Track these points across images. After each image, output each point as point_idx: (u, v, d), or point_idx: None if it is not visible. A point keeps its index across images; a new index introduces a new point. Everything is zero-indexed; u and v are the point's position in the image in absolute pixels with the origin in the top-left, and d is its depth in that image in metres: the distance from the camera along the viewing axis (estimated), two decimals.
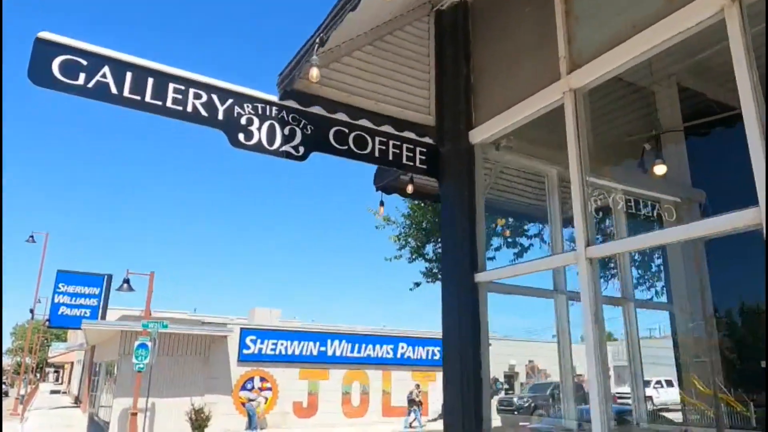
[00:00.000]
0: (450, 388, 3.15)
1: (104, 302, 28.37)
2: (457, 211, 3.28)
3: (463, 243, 3.21)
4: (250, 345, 21.44)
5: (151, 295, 18.15)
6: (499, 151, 3.52)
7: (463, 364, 3.06)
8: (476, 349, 3.07)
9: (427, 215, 8.18)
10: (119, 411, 18.53)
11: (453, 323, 3.18)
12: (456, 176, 3.35)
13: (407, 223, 9.05)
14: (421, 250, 9.08)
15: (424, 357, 25.35)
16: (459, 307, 3.18)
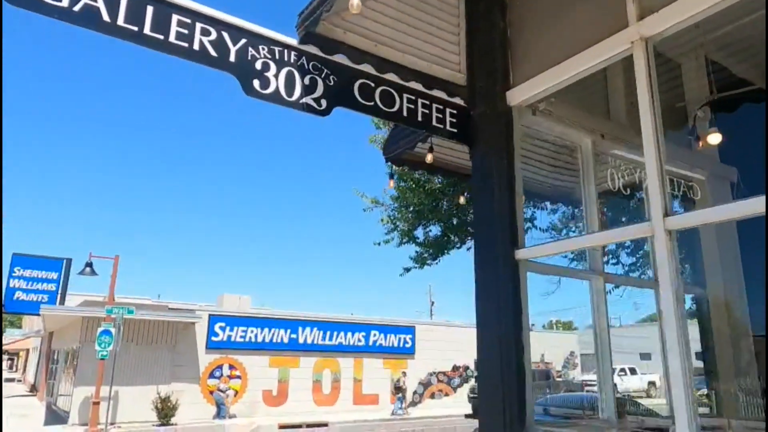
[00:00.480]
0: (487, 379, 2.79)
1: (63, 287, 27.22)
2: (494, 181, 2.92)
3: (501, 216, 2.85)
4: (218, 332, 20.81)
5: (116, 280, 17.36)
6: (535, 116, 3.17)
7: (503, 350, 2.72)
8: (518, 334, 2.72)
9: (420, 196, 7.82)
10: (80, 400, 17.74)
11: (491, 306, 2.83)
12: (491, 142, 2.99)
13: (396, 206, 8.66)
14: (411, 233, 8.72)
15: (396, 345, 25.16)
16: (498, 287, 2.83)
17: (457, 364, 27.14)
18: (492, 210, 2.90)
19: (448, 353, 26.88)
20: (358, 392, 23.77)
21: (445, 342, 26.88)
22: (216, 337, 20.70)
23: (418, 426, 19.60)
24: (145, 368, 19.09)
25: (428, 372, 26.01)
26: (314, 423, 19.47)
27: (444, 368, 26.61)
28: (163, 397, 16.80)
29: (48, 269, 27.11)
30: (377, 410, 23.68)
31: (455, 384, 26.78)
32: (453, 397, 26.43)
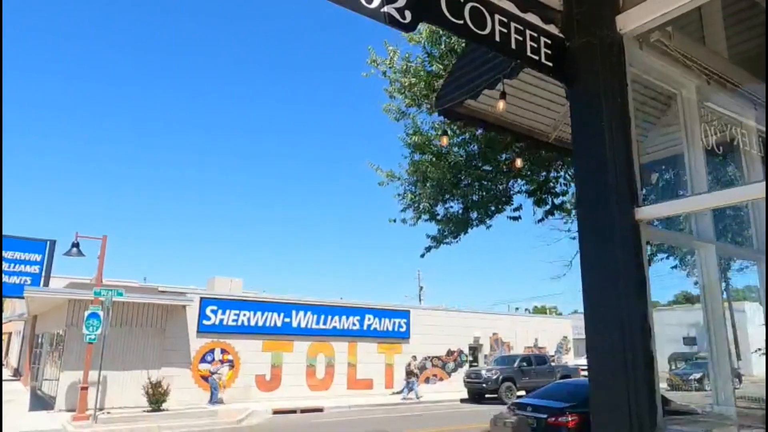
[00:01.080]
0: (603, 371, 2.26)
1: (47, 270, 26.39)
2: (604, 125, 2.40)
3: (616, 167, 2.33)
4: (210, 315, 20.23)
5: (104, 261, 16.64)
6: (641, 51, 2.65)
7: (625, 335, 2.20)
8: (644, 314, 2.21)
9: (441, 170, 7.25)
10: (67, 385, 17.11)
11: (607, 280, 2.30)
12: (598, 77, 2.46)
13: (412, 180, 8.08)
14: (432, 210, 8.17)
15: (391, 329, 24.80)
16: (614, 256, 2.31)
17: (451, 349, 26.88)
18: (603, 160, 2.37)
19: (443, 338, 26.61)
20: (352, 377, 23.40)
21: (439, 326, 26.59)
22: (207, 321, 20.13)
23: (416, 411, 19.27)
24: (134, 353, 18.50)
25: (423, 356, 25.70)
26: (309, 408, 19.06)
27: (438, 353, 26.34)
28: (154, 382, 16.22)
29: (31, 251, 26.25)
30: (371, 395, 23.36)
31: (450, 368, 26.54)
32: (448, 381, 26.20)
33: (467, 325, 27.78)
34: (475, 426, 15.04)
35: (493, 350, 28.54)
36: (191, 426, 14.91)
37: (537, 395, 11.13)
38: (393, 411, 19.40)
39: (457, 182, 7.44)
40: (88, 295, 16.54)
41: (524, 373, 22.70)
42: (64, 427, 13.83)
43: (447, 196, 7.77)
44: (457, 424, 15.88)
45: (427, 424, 15.80)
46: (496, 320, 29.68)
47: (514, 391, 22.01)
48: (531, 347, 29.94)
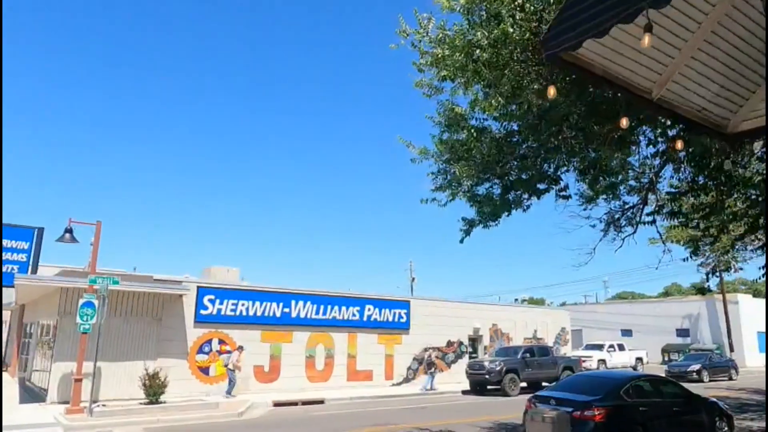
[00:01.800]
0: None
1: (35, 258, 25.64)
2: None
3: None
4: (208, 305, 19.64)
5: (98, 248, 15.95)
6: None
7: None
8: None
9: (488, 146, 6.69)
10: (59, 376, 16.47)
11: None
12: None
13: (448, 157, 7.50)
14: (472, 190, 7.62)
15: (391, 319, 24.35)
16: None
17: (451, 340, 26.52)
18: None
19: (443, 329, 26.25)
20: (352, 368, 22.95)
21: (439, 317, 26.22)
22: (205, 311, 19.54)
23: (420, 403, 18.85)
24: (130, 343, 17.89)
25: (423, 347, 25.31)
26: (310, 400, 18.59)
27: (438, 344, 25.96)
28: (151, 373, 15.62)
29: (18, 238, 25.51)
30: (372, 386, 22.95)
31: (449, 360, 26.19)
32: (448, 372, 25.85)
33: (467, 316, 27.43)
34: (487, 418, 14.66)
35: (493, 341, 28.22)
36: (191, 419, 14.36)
37: (558, 388, 10.72)
38: (395, 403, 18.98)
39: (500, 160, 6.91)
40: (81, 283, 15.87)
41: (527, 364, 22.38)
42: (57, 421, 13.22)
43: (488, 175, 7.23)
44: (466, 416, 15.47)
45: (436, 416, 15.37)
46: (495, 311, 29.36)
47: (518, 383, 21.70)
48: (530, 338, 29.68)
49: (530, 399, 10.48)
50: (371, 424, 13.89)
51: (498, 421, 14.45)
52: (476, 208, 7.94)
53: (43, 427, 12.75)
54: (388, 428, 13.17)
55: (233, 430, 13.05)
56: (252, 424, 14.09)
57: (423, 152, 7.91)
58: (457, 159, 7.34)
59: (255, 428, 13.36)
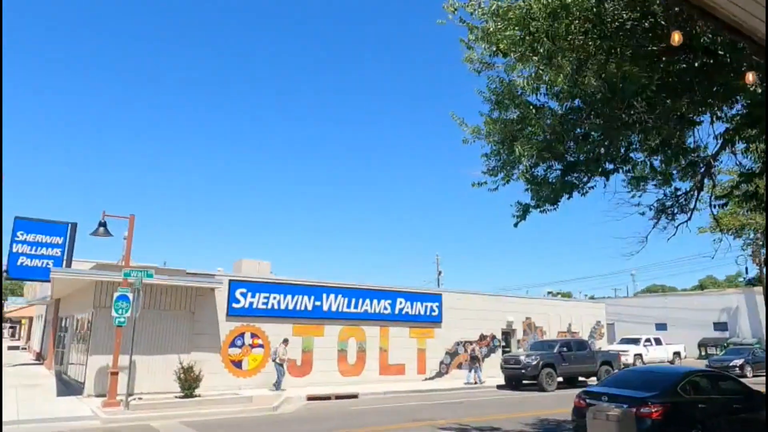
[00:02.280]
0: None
1: (69, 252, 25.90)
2: None
3: None
4: (239, 298, 19.52)
5: (131, 241, 15.90)
6: None
7: None
8: None
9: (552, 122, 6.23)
10: (95, 369, 16.50)
11: None
12: None
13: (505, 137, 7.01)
14: (529, 171, 7.17)
15: (423, 313, 23.97)
16: None
17: (484, 334, 26.04)
18: None
19: (475, 322, 25.78)
20: (384, 362, 22.65)
21: (472, 311, 25.75)
22: (237, 304, 19.43)
23: (456, 398, 18.45)
24: (163, 337, 17.86)
25: (455, 341, 24.89)
26: (343, 394, 18.35)
27: (471, 338, 25.50)
28: (185, 367, 15.53)
29: (52, 234, 25.80)
30: (404, 381, 22.62)
31: (483, 354, 25.66)
32: None
33: (500, 309, 26.90)
34: (529, 414, 14.21)
35: (526, 335, 27.65)
36: (226, 413, 14.23)
37: (609, 384, 10.24)
38: (430, 398, 18.63)
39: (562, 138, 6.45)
40: (116, 276, 15.87)
41: (564, 358, 21.80)
42: (95, 414, 13.20)
43: (549, 154, 6.77)
44: (506, 411, 15.05)
45: (475, 411, 14.99)
46: (528, 304, 28.76)
47: (555, 378, 21.15)
48: (564, 332, 29.01)
49: (580, 395, 10.02)
50: (410, 419, 13.56)
51: (540, 416, 14.01)
52: (534, 191, 7.47)
53: (82, 420, 12.73)
54: (429, 423, 12.81)
55: (276, 425, 12.83)
56: (291, 418, 13.88)
57: (476, 131, 7.45)
58: (511, 139, 6.89)
59: (295, 423, 13.13)
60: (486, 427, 12.32)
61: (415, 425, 12.68)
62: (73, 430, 11.72)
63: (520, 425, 12.63)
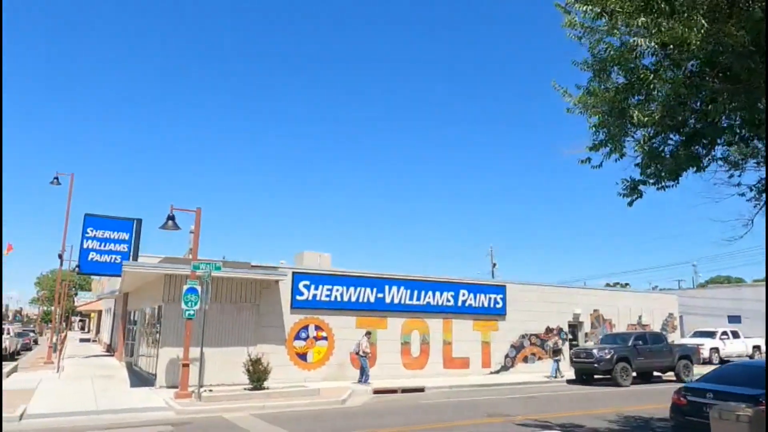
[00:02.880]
0: None
1: (135, 248, 26.61)
2: None
3: None
4: (303, 291, 19.44)
5: (199, 235, 15.99)
6: None
7: None
8: None
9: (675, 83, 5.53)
10: (166, 361, 16.75)
11: None
12: None
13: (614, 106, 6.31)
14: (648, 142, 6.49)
15: (486, 305, 23.31)
16: None
17: (550, 326, 25.13)
18: None
19: (541, 314, 24.92)
20: (448, 355, 22.16)
21: (537, 303, 24.89)
22: (300, 296, 19.36)
23: (526, 392, 17.78)
24: (230, 329, 17.97)
25: (520, 334, 24.12)
26: (410, 388, 17.99)
27: (536, 330, 24.66)
28: (253, 359, 15.52)
29: (119, 230, 26.56)
30: (468, 374, 22.09)
31: (549, 347, 24.80)
32: (547, 360, 24.50)
33: (566, 301, 25.90)
34: (610, 410, 13.43)
35: (594, 328, 26.55)
36: (295, 405, 14.10)
37: (711, 380, 9.43)
38: (499, 392, 18.02)
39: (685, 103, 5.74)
40: (185, 269, 16.01)
41: (639, 352, 20.70)
42: (168, 405, 13.31)
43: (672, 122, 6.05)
44: (583, 407, 14.30)
45: (550, 407, 14.32)
46: (595, 296, 27.59)
47: (630, 372, 20.11)
48: (634, 325, 27.71)
49: (679, 392, 9.28)
50: (484, 414, 13.05)
51: (622, 413, 13.21)
52: (652, 164, 6.76)
53: (156, 411, 12.86)
54: (505, 419, 12.27)
55: (348, 418, 12.58)
56: (362, 412, 13.60)
57: (582, 100, 6.77)
58: (620, 109, 6.21)
59: (368, 416, 12.84)
60: (567, 423, 11.67)
61: (491, 421, 12.16)
62: (150, 420, 11.81)
63: (602, 422, 11.91)
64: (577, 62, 6.82)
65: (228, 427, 11.21)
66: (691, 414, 8.84)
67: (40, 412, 11.88)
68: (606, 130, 6.79)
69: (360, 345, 18.79)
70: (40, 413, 11.77)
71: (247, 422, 11.68)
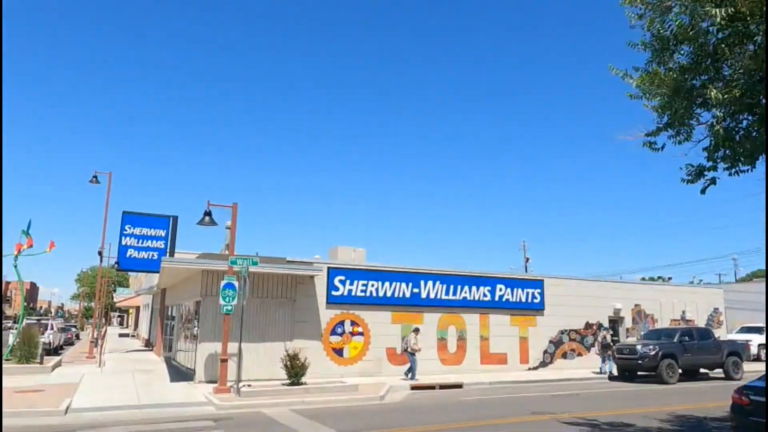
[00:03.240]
0: None
1: (171, 245, 26.94)
2: None
3: None
4: (338, 286, 19.33)
5: (235, 230, 15.99)
6: None
7: None
8: None
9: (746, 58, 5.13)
10: (204, 356, 16.85)
11: None
12: None
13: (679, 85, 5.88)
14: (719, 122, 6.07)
15: (524, 300, 22.84)
16: None
17: (590, 322, 24.50)
18: None
19: (580, 309, 24.31)
20: (485, 351, 21.79)
21: (575, 297, 24.29)
22: (336, 292, 19.25)
23: (568, 389, 17.31)
24: (266, 324, 17.99)
25: (559, 330, 23.57)
26: (448, 384, 17.71)
27: (575, 326, 24.08)
28: (291, 354, 15.46)
29: (156, 227, 26.92)
30: (506, 371, 21.68)
31: (588, 343, 24.23)
32: (587, 356, 23.94)
33: (606, 296, 25.22)
34: (659, 409, 12.92)
35: (635, 323, 25.80)
36: (334, 401, 13.97)
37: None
38: (540, 389, 17.60)
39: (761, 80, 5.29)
40: (222, 265, 16.03)
41: (686, 348, 19.98)
42: (209, 400, 13.34)
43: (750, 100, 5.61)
44: (630, 405, 13.81)
45: (596, 405, 13.87)
46: (636, 290, 26.79)
47: (676, 370, 19.42)
48: (677, 320, 26.83)
49: (740, 391, 8.77)
50: (528, 412, 12.69)
51: (673, 412, 12.69)
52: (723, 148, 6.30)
53: (197, 406, 12.89)
54: (551, 417, 11.90)
55: (389, 415, 12.39)
56: (402, 408, 13.39)
57: (646, 79, 6.31)
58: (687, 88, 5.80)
59: (409, 413, 12.62)
60: (616, 422, 11.24)
61: (537, 419, 11.80)
62: (191, 415, 11.82)
63: (653, 421, 11.44)
64: (634, 43, 6.42)
65: (268, 422, 11.12)
66: (754, 414, 8.34)
67: (85, 406, 12.02)
68: (670, 113, 6.36)
69: (408, 341, 18.59)
70: (85, 407, 11.90)
71: (287, 418, 11.59)
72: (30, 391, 13.74)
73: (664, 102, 6.34)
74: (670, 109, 6.32)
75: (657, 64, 6.33)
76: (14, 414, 10.82)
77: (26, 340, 19.29)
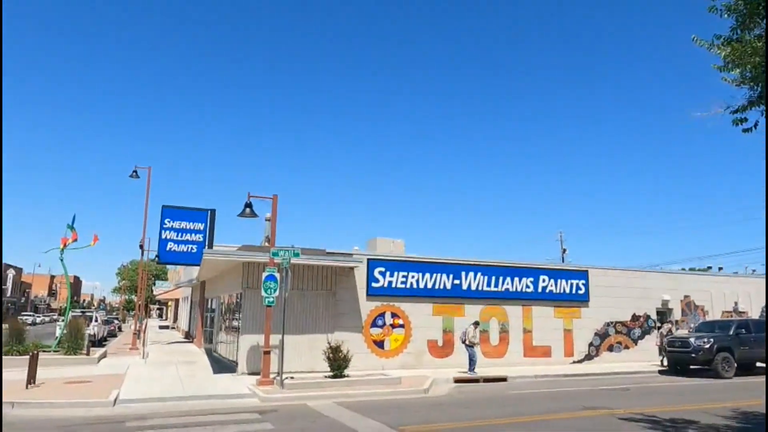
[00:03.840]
0: None
1: (209, 238, 27.12)
2: None
3: None
4: (378, 277, 19.08)
5: (276, 221, 15.86)
6: None
7: None
8: None
9: None
10: (246, 348, 16.84)
11: None
12: None
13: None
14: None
15: (568, 291, 22.19)
16: None
17: (636, 314, 23.69)
18: None
19: (626, 301, 23.52)
20: (528, 343, 21.28)
21: (621, 288, 23.50)
22: (376, 284, 19.01)
23: (617, 383, 16.70)
24: (307, 317, 17.88)
25: (604, 322, 22.85)
26: (492, 377, 17.30)
27: (622, 318, 23.30)
28: (333, 346, 15.29)
29: (195, 220, 27.12)
30: (550, 364, 21.12)
31: (636, 335, 23.42)
32: (634, 350, 23.17)
33: (653, 287, 24.34)
34: (719, 405, 12.27)
35: (685, 315, 24.84)
36: (378, 394, 13.73)
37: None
38: (587, 382, 17.04)
39: None
40: (263, 257, 15.94)
41: (743, 341, 19.09)
42: (252, 392, 13.27)
43: None
44: (688, 401, 13.17)
45: (651, 400, 13.28)
46: (684, 281, 25.78)
47: (732, 364, 18.58)
48: (730, 312, 25.73)
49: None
50: (580, 406, 12.20)
51: (738, 408, 12.02)
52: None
53: (242, 398, 12.83)
54: (607, 412, 11.39)
55: (436, 409, 12.08)
56: (448, 402, 13.06)
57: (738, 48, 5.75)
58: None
59: (456, 407, 12.28)
60: (678, 419, 10.67)
61: (592, 414, 11.31)
62: (237, 407, 11.74)
63: (716, 418, 10.82)
64: (715, 7, 5.86)
65: (314, 415, 10.94)
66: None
67: (132, 397, 12.07)
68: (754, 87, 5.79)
69: (467, 334, 18.23)
70: (132, 398, 11.95)
71: (332, 411, 11.39)
72: (79, 382, 13.93)
73: (758, 73, 5.76)
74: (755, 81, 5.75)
75: (742, 30, 5.79)
76: (69, 405, 10.99)
77: (73, 331, 19.68)
